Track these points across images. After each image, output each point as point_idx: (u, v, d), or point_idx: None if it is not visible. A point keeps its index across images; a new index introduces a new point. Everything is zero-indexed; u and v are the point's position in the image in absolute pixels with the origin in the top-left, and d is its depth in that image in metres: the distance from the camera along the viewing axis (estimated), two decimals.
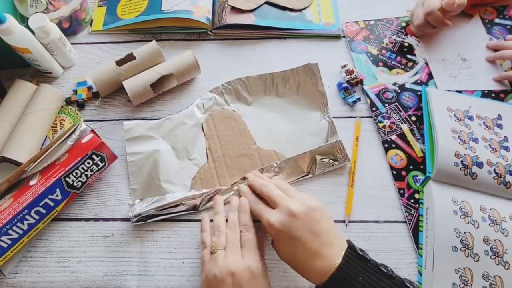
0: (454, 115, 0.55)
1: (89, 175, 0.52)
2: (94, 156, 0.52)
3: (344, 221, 0.52)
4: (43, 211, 0.49)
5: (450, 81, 0.61)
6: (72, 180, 0.51)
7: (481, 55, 0.64)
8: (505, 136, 0.53)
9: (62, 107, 0.62)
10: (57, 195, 0.50)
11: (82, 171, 0.51)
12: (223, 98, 0.61)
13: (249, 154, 0.56)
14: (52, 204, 0.50)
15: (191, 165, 0.56)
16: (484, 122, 0.54)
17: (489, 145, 0.52)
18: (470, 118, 0.55)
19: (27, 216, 0.48)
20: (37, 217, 0.49)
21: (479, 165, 0.50)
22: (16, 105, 0.59)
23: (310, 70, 0.62)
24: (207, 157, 0.57)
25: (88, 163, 0.51)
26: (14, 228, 0.47)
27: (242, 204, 0.47)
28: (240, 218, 0.45)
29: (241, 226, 0.44)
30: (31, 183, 0.49)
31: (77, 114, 0.62)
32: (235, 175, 0.55)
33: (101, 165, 0.53)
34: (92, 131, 0.54)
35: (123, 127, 0.59)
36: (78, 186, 0.52)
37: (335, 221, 0.51)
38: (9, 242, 0.48)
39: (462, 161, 0.50)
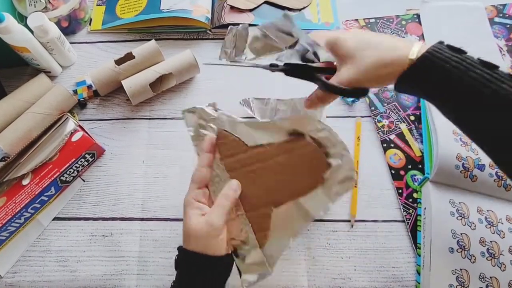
0: None
1: (80, 170, 0.56)
2: (86, 155, 0.55)
3: (349, 221, 0.52)
4: (38, 206, 0.53)
5: None
6: (65, 177, 0.54)
7: (483, 51, 0.62)
8: None
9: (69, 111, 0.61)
10: (51, 191, 0.53)
11: (75, 168, 0.55)
12: None
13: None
14: (46, 199, 0.53)
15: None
16: None
17: None
18: None
19: (24, 213, 0.51)
20: (32, 211, 0.53)
21: (481, 167, 0.50)
22: (25, 98, 0.59)
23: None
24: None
25: (81, 161, 0.55)
26: (13, 224, 0.51)
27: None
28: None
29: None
30: (24, 182, 0.51)
31: (74, 114, 0.62)
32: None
33: (91, 160, 0.57)
34: (81, 127, 0.55)
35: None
36: (70, 180, 0.55)
37: (340, 221, 0.52)
38: (7, 235, 0.51)
39: (463, 164, 0.50)
